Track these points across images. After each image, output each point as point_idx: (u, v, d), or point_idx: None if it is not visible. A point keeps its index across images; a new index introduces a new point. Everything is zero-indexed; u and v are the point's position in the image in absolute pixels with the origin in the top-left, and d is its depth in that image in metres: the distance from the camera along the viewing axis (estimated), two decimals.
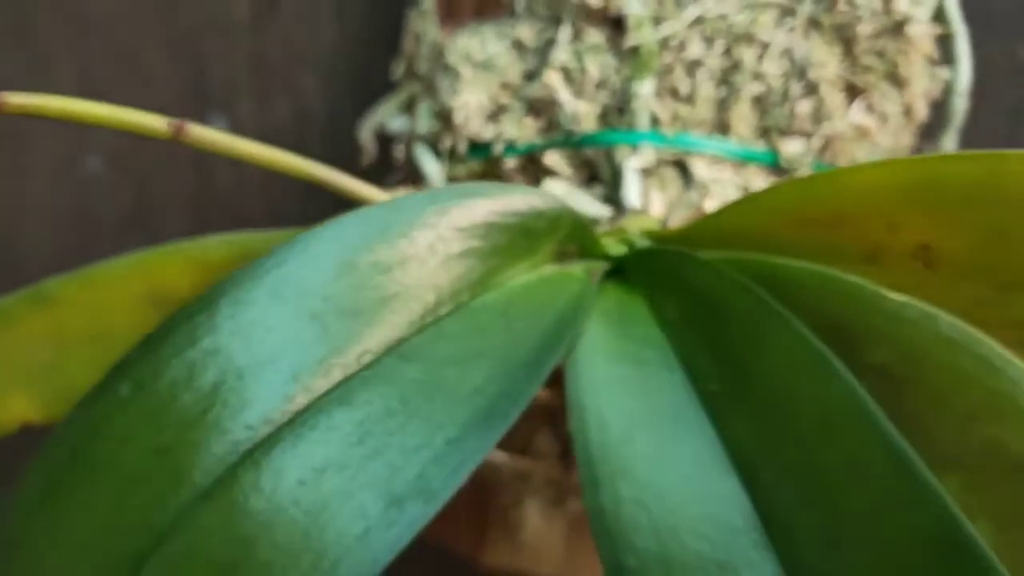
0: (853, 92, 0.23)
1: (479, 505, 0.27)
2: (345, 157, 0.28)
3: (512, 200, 0.16)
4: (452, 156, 0.24)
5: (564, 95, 0.22)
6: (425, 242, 0.15)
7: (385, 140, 0.28)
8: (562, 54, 0.22)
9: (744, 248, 0.17)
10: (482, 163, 0.23)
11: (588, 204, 0.20)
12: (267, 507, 0.12)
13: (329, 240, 0.14)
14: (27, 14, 0.32)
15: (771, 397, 0.14)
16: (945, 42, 0.25)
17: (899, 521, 0.13)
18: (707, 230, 0.17)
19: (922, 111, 0.24)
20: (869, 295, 0.15)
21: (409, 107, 0.26)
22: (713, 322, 0.15)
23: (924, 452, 0.16)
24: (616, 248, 0.17)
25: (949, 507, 0.13)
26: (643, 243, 0.17)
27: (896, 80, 0.23)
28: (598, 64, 0.22)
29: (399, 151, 0.26)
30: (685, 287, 0.16)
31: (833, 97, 0.22)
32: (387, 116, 0.26)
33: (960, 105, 0.25)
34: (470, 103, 0.23)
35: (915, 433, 0.16)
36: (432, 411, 0.13)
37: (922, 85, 0.24)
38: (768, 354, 0.14)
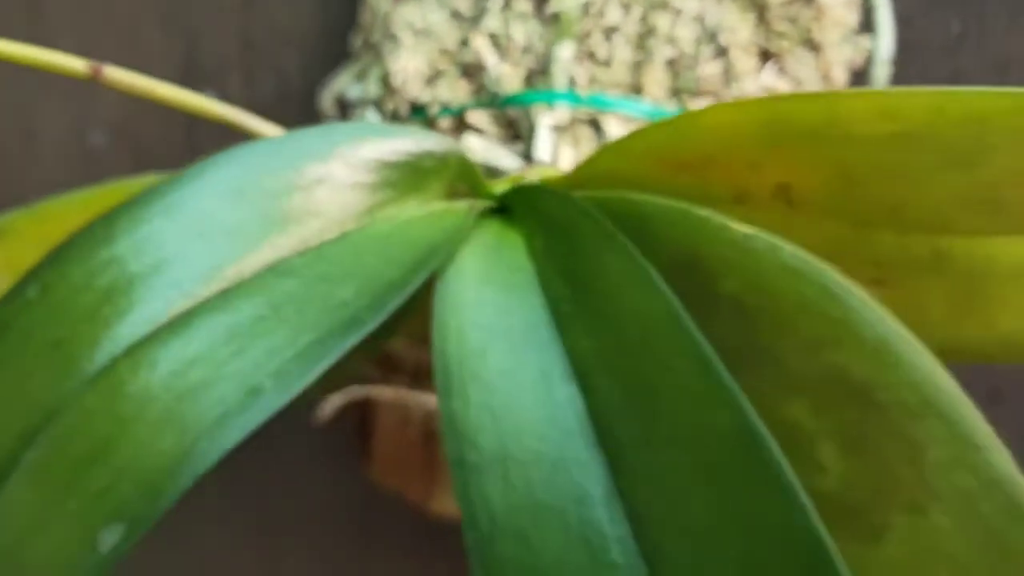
0: (767, 57, 0.24)
1: (429, 455, 0.28)
2: None
3: (404, 141, 0.18)
4: (394, 118, 0.25)
5: (491, 59, 0.23)
6: (313, 175, 0.16)
7: (345, 107, 0.29)
8: (492, 21, 0.24)
9: (620, 189, 0.18)
10: (421, 123, 0.25)
11: (503, 157, 0.22)
12: (142, 392, 0.14)
13: (222, 167, 0.16)
14: None
15: (606, 313, 0.15)
16: (869, 12, 0.26)
17: (702, 420, 0.14)
18: (588, 173, 0.18)
19: (841, 78, 0.25)
20: (717, 227, 0.16)
21: (364, 75, 0.28)
22: (568, 250, 0.16)
23: (774, 378, 0.17)
24: (500, 187, 0.18)
25: (745, 409, 0.14)
26: (527, 185, 0.19)
27: (811, 46, 0.24)
28: (524, 30, 0.24)
29: (355, 117, 0.27)
30: (549, 220, 0.17)
31: (744, 61, 0.23)
32: (345, 84, 0.28)
33: (882, 73, 0.26)
34: (408, 68, 0.24)
35: (766, 360, 0.18)
36: (300, 320, 0.15)
37: (841, 53, 0.25)
38: (607, 275, 0.15)
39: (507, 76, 0.23)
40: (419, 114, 0.25)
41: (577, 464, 0.15)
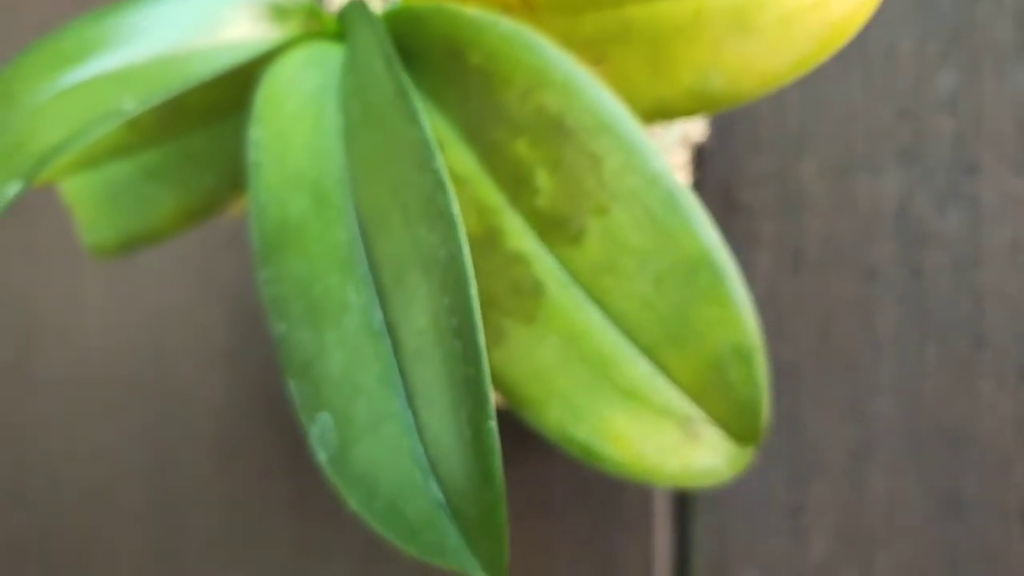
0: None
1: None
2: None
3: None
4: None
5: None
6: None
7: None
8: None
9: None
10: None
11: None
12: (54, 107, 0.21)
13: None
14: None
15: (365, 83, 0.21)
16: None
17: (400, 137, 0.19)
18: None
19: None
20: (464, 16, 0.22)
21: None
22: (355, 46, 0.22)
23: (505, 124, 0.23)
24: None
25: (425, 131, 0.19)
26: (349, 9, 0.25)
27: None
28: None
29: None
30: (353, 30, 0.23)
31: None
32: None
33: None
34: None
35: (499, 111, 0.23)
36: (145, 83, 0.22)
37: None
38: (371, 61, 0.21)
39: None
40: None
41: (328, 163, 0.20)
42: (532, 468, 0.34)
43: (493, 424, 0.15)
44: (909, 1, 0.32)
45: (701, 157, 0.34)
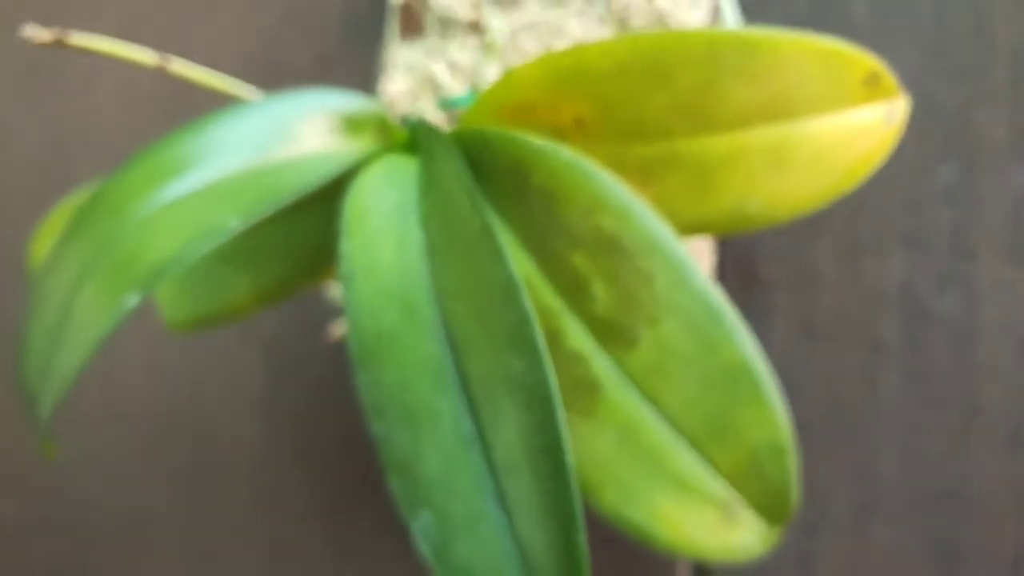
0: None
1: None
2: None
3: (349, 100, 0.27)
4: None
5: (445, 79, 0.33)
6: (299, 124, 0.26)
7: None
8: (451, 53, 0.33)
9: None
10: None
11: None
12: (166, 220, 0.23)
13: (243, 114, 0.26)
14: None
15: (444, 205, 0.24)
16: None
17: (484, 271, 0.22)
18: (464, 123, 0.27)
19: None
20: (527, 142, 0.25)
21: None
22: (430, 164, 0.25)
23: (564, 238, 0.25)
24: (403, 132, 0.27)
25: (509, 266, 0.22)
26: (419, 127, 0.27)
27: None
28: (469, 57, 0.33)
29: None
30: (427, 148, 0.26)
31: None
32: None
33: None
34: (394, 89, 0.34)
35: (559, 227, 0.25)
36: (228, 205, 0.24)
37: None
38: (447, 181, 0.24)
39: (456, 88, 0.33)
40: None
41: (415, 279, 0.23)
42: None
43: (583, 538, 0.18)
44: (914, 103, 0.35)
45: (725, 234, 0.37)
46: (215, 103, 0.31)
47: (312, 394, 0.42)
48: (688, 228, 0.26)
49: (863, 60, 0.25)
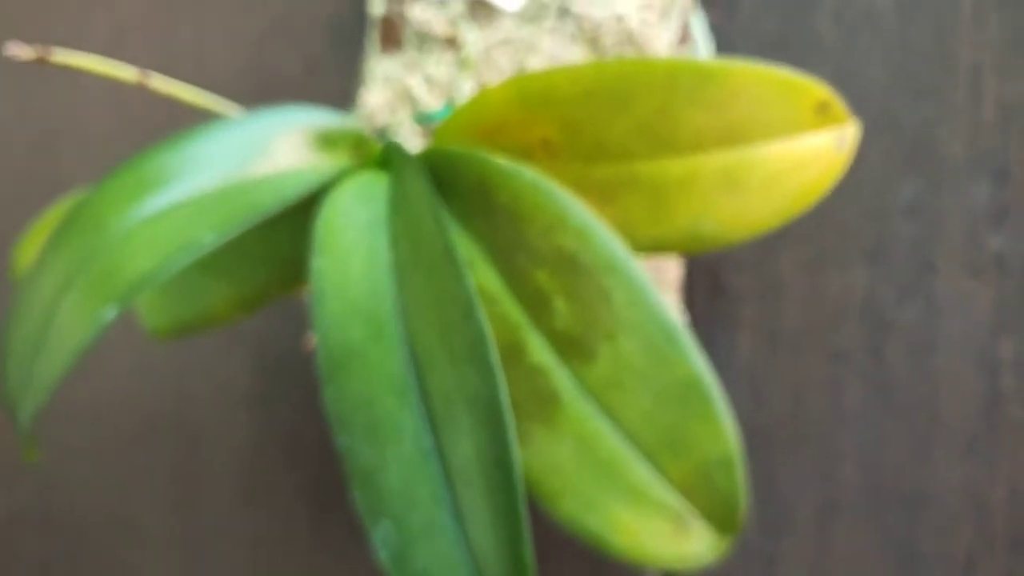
0: None
1: None
2: None
3: (326, 118, 0.28)
4: None
5: (422, 93, 0.34)
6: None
7: None
8: (427, 68, 0.34)
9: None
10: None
11: (409, 137, 0.32)
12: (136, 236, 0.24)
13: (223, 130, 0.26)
14: None
15: (409, 220, 0.25)
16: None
17: (446, 286, 0.23)
18: (435, 142, 0.28)
19: None
20: (491, 162, 0.26)
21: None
22: (399, 181, 0.26)
23: (527, 256, 0.26)
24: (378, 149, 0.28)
25: (467, 282, 0.23)
26: (391, 147, 0.28)
27: None
28: (445, 72, 0.34)
29: None
30: (397, 166, 0.26)
31: None
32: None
33: None
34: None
35: (522, 244, 0.26)
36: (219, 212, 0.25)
37: None
38: (415, 199, 0.25)
39: (433, 102, 0.33)
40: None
41: (382, 296, 0.24)
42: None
43: (529, 547, 0.19)
44: (876, 119, 0.36)
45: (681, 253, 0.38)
46: (199, 111, 0.32)
47: (299, 393, 0.43)
48: (646, 247, 0.27)
49: (814, 89, 0.26)
